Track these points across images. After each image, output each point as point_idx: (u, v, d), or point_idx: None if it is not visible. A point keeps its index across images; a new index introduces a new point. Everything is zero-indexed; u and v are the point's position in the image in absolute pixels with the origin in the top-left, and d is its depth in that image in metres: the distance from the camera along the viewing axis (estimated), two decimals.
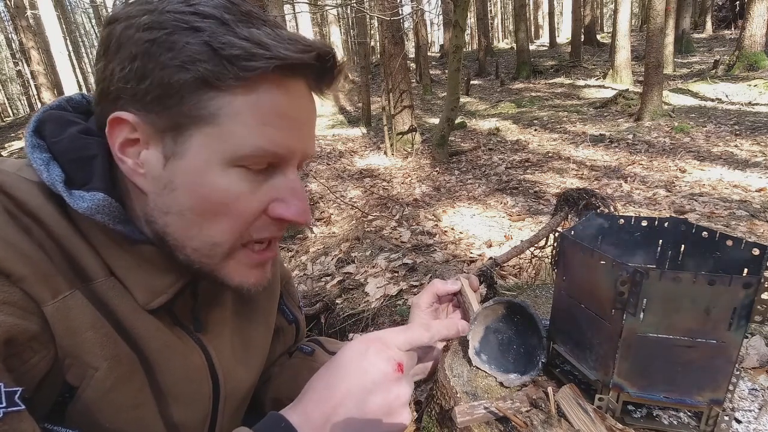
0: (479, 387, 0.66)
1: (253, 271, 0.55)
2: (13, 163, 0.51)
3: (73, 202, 0.47)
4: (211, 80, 0.44)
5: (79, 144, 0.51)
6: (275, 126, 0.48)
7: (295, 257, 3.72)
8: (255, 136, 0.47)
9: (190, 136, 0.46)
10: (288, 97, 0.48)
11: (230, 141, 0.46)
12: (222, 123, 0.46)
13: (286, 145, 0.49)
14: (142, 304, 0.52)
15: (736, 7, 16.10)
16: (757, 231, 3.23)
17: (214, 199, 0.48)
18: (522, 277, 2.56)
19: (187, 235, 0.50)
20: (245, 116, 0.46)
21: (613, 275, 0.55)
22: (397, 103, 7.41)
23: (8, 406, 0.38)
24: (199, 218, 0.49)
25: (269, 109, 0.47)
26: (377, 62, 15.35)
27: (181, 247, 0.50)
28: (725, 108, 7.70)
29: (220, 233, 0.50)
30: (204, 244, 0.50)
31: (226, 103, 0.45)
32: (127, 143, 0.48)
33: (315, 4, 7.42)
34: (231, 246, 0.51)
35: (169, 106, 0.45)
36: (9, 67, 32.80)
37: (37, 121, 0.53)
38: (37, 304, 0.43)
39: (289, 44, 0.45)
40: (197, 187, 0.47)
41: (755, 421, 0.59)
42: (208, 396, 0.61)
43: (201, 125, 0.46)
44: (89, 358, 0.47)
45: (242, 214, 0.50)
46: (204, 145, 0.46)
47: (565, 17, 25.60)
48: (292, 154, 0.51)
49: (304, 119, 0.51)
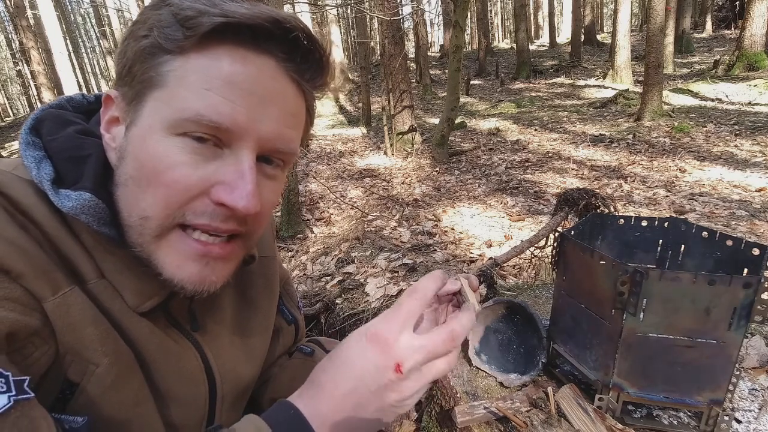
0: (479, 387, 0.66)
1: (192, 264, 0.49)
2: (10, 162, 0.51)
3: (59, 201, 0.46)
4: (163, 42, 0.45)
5: (75, 143, 0.50)
6: (222, 93, 0.44)
7: (295, 257, 3.72)
8: (196, 99, 0.44)
9: (145, 102, 0.46)
10: (244, 68, 0.45)
11: (173, 104, 0.45)
12: (169, 85, 0.45)
13: (232, 117, 0.45)
14: (133, 307, 0.51)
15: (736, 7, 16.10)
16: (757, 231, 3.23)
17: (149, 166, 0.45)
18: (522, 277, 2.56)
19: (127, 210, 0.47)
20: (191, 79, 0.44)
21: (613, 275, 0.55)
22: (397, 103, 7.41)
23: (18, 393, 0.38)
24: (137, 188, 0.46)
25: (218, 75, 0.44)
26: (377, 62, 15.34)
27: (125, 225, 0.48)
28: (725, 108, 7.70)
29: (151, 205, 0.46)
30: (136, 218, 0.47)
31: (177, 66, 0.45)
32: (112, 121, 0.50)
33: (315, 4, 7.42)
34: (162, 223, 0.47)
35: (134, 75, 0.46)
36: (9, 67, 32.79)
37: (35, 119, 0.53)
38: (37, 301, 0.43)
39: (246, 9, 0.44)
40: (138, 153, 0.46)
41: (755, 421, 0.59)
42: (204, 397, 0.61)
43: (153, 89, 0.46)
44: (90, 354, 0.47)
45: (175, 186, 0.45)
46: (152, 109, 0.46)
47: (565, 17, 25.60)
48: (242, 131, 0.46)
49: (265, 98, 0.47)
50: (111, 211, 0.49)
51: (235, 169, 0.47)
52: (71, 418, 0.46)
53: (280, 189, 0.56)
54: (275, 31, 0.46)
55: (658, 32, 7.28)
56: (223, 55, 0.45)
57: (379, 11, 6.90)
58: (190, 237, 0.48)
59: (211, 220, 0.48)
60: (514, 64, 15.90)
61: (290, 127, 0.51)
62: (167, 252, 0.48)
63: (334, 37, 14.51)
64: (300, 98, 0.52)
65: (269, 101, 0.48)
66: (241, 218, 0.49)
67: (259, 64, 0.47)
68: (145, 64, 0.46)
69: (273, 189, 0.53)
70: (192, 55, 0.45)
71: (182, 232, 0.48)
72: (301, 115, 0.54)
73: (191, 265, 0.49)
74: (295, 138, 0.53)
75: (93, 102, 0.61)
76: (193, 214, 0.47)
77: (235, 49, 0.45)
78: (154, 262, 0.48)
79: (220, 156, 0.47)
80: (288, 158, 0.53)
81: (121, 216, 0.48)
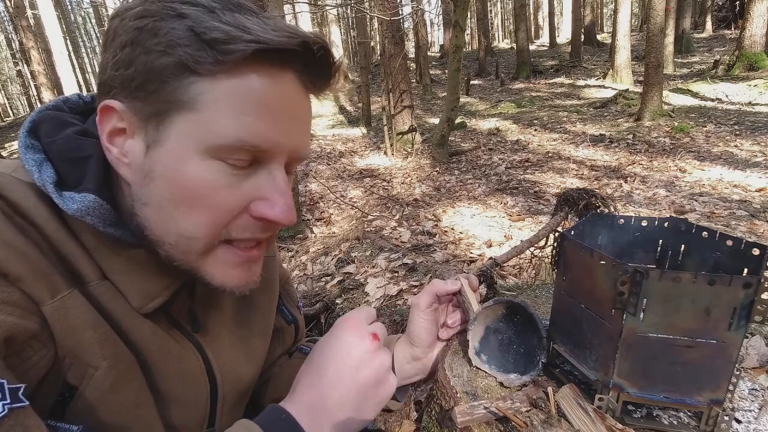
0: (479, 387, 0.66)
1: (237, 271, 0.52)
2: (8, 164, 0.50)
3: (63, 203, 0.46)
4: (191, 64, 0.43)
5: (74, 145, 0.50)
6: (258, 116, 0.45)
7: (295, 257, 3.72)
8: (235, 125, 0.45)
9: (171, 123, 0.45)
10: (274, 88, 0.46)
11: (209, 129, 0.45)
12: (201, 109, 0.44)
13: (269, 138, 0.47)
14: (137, 308, 0.51)
15: (736, 7, 16.09)
16: (757, 231, 3.23)
17: (191, 189, 0.46)
18: (522, 277, 2.56)
19: (164, 229, 0.48)
20: (225, 103, 0.44)
21: (613, 275, 0.54)
22: (397, 103, 7.41)
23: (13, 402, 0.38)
24: (175, 210, 0.47)
25: (251, 98, 0.45)
26: (377, 62, 15.34)
27: (160, 242, 0.48)
28: (725, 108, 7.70)
29: (196, 227, 0.47)
30: (180, 238, 0.48)
31: (206, 89, 0.44)
32: (115, 132, 0.48)
33: (315, 4, 7.42)
34: (208, 242, 0.48)
35: (152, 92, 0.44)
36: (9, 67, 32.79)
37: (32, 122, 0.52)
38: (36, 304, 0.43)
39: (274, 30, 0.44)
40: (174, 176, 0.46)
41: (755, 421, 0.59)
42: (205, 398, 0.61)
43: (181, 111, 0.45)
44: (89, 357, 0.47)
45: (220, 208, 0.47)
46: (183, 132, 0.45)
47: (565, 17, 25.59)
48: (278, 149, 0.48)
49: (292, 113, 0.49)
50: (115, 211, 0.49)
51: (272, 185, 0.49)
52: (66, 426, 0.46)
53: None
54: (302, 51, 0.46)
55: (658, 32, 7.28)
56: (253, 75, 0.45)
57: (379, 11, 6.90)
58: (234, 248, 0.51)
59: (253, 233, 0.51)
60: (514, 64, 15.90)
61: (307, 135, 0.53)
62: (215, 265, 0.51)
63: (334, 37, 14.51)
64: (310, 105, 0.53)
65: (296, 116, 0.50)
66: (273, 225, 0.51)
67: (284, 81, 0.47)
68: (169, 85, 0.44)
69: None
70: (222, 78, 0.44)
71: (227, 245, 0.51)
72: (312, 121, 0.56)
73: (237, 272, 0.52)
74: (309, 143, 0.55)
75: (89, 102, 0.60)
76: (236, 230, 0.49)
77: (263, 68, 0.45)
78: (200, 274, 0.50)
79: (255, 172, 0.49)
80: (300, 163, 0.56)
81: (151, 232, 0.48)
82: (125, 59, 0.45)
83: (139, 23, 0.44)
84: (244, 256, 0.52)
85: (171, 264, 0.50)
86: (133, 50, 0.44)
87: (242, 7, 0.46)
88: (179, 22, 0.43)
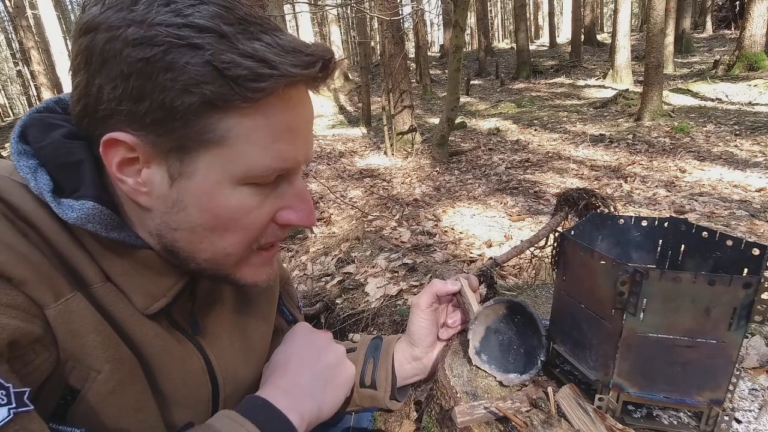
0: (479, 387, 0.66)
1: (264, 269, 0.57)
2: (6, 165, 0.50)
3: (62, 212, 0.46)
4: (218, 103, 0.42)
5: (65, 149, 0.48)
6: (284, 141, 0.48)
7: (295, 257, 3.72)
8: (267, 154, 0.47)
9: (197, 157, 0.45)
10: (292, 110, 0.48)
11: (241, 161, 0.46)
12: (232, 144, 0.45)
13: (293, 158, 0.50)
14: (141, 309, 0.52)
15: (736, 7, 16.09)
16: (757, 231, 3.23)
17: (226, 216, 0.49)
18: (522, 277, 2.56)
19: (198, 248, 0.51)
20: (256, 136, 0.46)
21: (613, 275, 0.54)
22: (397, 103, 7.41)
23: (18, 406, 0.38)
24: (211, 233, 0.50)
25: (279, 127, 0.47)
26: (377, 62, 15.34)
27: (192, 258, 0.51)
28: (725, 108, 7.70)
29: (233, 245, 0.51)
30: (216, 254, 0.51)
31: (234, 125, 0.44)
32: (125, 162, 0.46)
33: (315, 4, 7.41)
34: (243, 254, 0.53)
35: (173, 129, 0.43)
36: (9, 67, 32.77)
37: (22, 126, 0.51)
38: (39, 307, 0.43)
39: (293, 58, 0.44)
40: (208, 206, 0.48)
41: (755, 421, 0.59)
42: (207, 399, 0.61)
43: (209, 147, 0.45)
44: (92, 360, 0.47)
45: (253, 227, 0.51)
46: (213, 166, 0.46)
47: (565, 17, 25.60)
48: (299, 164, 0.52)
49: (306, 126, 0.52)
50: (116, 214, 0.49)
51: (294, 193, 0.53)
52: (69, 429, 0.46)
53: None
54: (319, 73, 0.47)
55: (658, 32, 7.28)
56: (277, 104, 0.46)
57: (379, 11, 6.90)
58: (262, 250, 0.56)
59: (277, 237, 0.55)
60: (514, 64, 15.90)
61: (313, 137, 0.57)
62: (247, 269, 0.55)
63: (334, 37, 14.51)
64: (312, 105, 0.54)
65: (308, 128, 0.52)
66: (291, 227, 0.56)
67: (297, 97, 0.48)
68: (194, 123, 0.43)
69: None
70: (249, 112, 0.44)
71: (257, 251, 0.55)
72: None
73: (265, 270, 0.58)
74: None
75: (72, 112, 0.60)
76: (265, 238, 0.54)
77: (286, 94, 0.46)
78: (232, 277, 0.55)
79: (277, 185, 0.51)
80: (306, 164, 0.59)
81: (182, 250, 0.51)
82: (133, 93, 0.42)
83: (141, 53, 0.40)
84: (269, 256, 0.57)
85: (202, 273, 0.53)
86: (142, 84, 0.41)
87: (248, 23, 0.44)
88: (194, 54, 0.41)
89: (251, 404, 0.54)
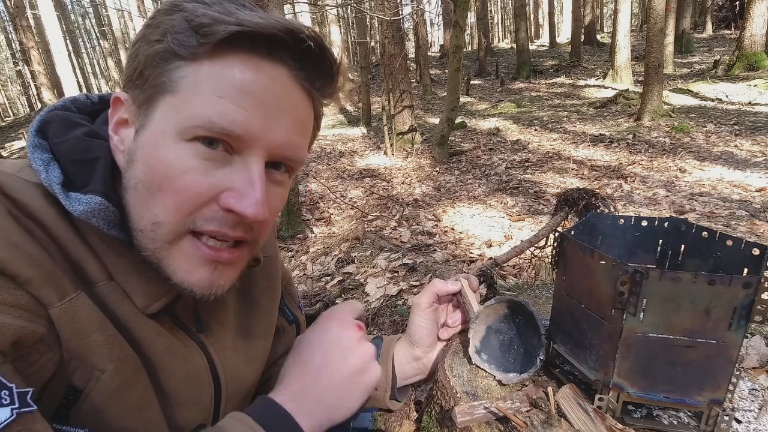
0: (479, 387, 0.66)
1: (202, 270, 0.50)
2: (13, 163, 0.50)
3: (69, 204, 0.46)
4: (176, 48, 0.45)
5: (83, 146, 0.50)
6: (234, 101, 0.45)
7: (295, 257, 3.72)
8: (209, 107, 0.45)
9: (156, 107, 0.47)
10: (257, 76, 0.46)
11: (185, 111, 0.45)
12: (182, 92, 0.45)
13: (244, 125, 0.45)
14: (142, 309, 0.51)
15: (736, 7, 16.10)
16: (757, 231, 3.23)
17: (160, 172, 0.46)
18: (522, 277, 2.56)
19: (138, 215, 0.48)
20: (203, 85, 0.45)
21: (613, 275, 0.55)
22: (397, 103, 7.41)
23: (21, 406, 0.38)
24: (147, 193, 0.47)
25: (229, 83, 0.45)
26: (377, 62, 15.34)
27: (135, 230, 0.48)
28: (725, 108, 7.70)
29: (163, 211, 0.46)
30: (147, 223, 0.47)
31: (189, 73, 0.45)
32: (120, 123, 0.50)
33: (315, 4, 7.41)
34: (173, 228, 0.47)
35: (146, 78, 0.47)
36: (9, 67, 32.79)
37: (41, 121, 0.52)
38: (43, 307, 0.43)
39: (260, 18, 0.45)
40: (149, 158, 0.46)
41: (755, 421, 0.59)
42: (209, 398, 0.61)
43: (164, 94, 0.46)
44: (95, 360, 0.46)
45: (186, 192, 0.46)
46: (163, 115, 0.46)
47: (565, 17, 25.61)
48: (253, 139, 0.47)
49: (278, 107, 0.48)
50: (121, 213, 0.49)
51: (244, 177, 0.47)
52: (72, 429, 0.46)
53: (286, 195, 0.57)
54: (289, 40, 0.46)
55: (658, 32, 7.28)
56: (236, 63, 0.46)
57: (379, 11, 6.91)
58: (202, 242, 0.49)
59: (219, 226, 0.48)
60: (514, 64, 15.90)
61: (299, 135, 0.52)
62: (178, 258, 0.49)
63: (334, 37, 14.51)
64: (309, 106, 0.53)
65: (280, 110, 0.48)
66: (248, 225, 0.50)
67: (271, 73, 0.47)
68: (157, 69, 0.46)
69: (280, 195, 0.54)
70: (205, 62, 0.45)
71: (194, 238, 0.49)
72: (310, 123, 0.55)
73: (201, 270, 0.50)
74: (303, 146, 0.54)
75: (97, 102, 0.60)
76: (203, 219, 0.48)
77: (249, 58, 0.46)
78: (164, 267, 0.49)
79: (229, 162, 0.48)
80: (296, 165, 0.54)
81: (130, 219, 0.49)
82: (134, 53, 0.48)
83: (149, 21, 0.48)
84: (211, 254, 0.49)
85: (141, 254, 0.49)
86: (139, 45, 0.47)
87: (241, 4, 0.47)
88: (177, 14, 0.46)
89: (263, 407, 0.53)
